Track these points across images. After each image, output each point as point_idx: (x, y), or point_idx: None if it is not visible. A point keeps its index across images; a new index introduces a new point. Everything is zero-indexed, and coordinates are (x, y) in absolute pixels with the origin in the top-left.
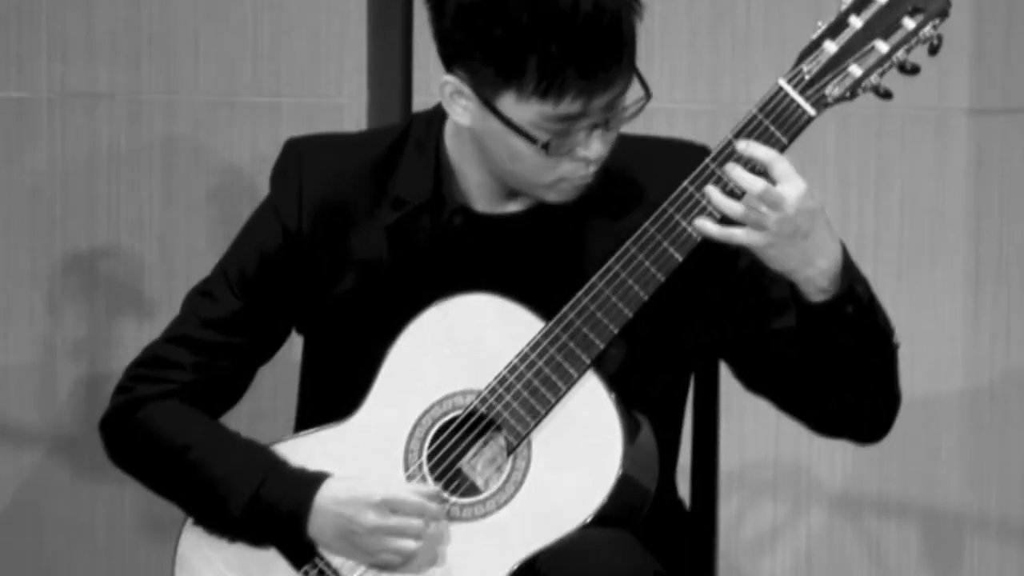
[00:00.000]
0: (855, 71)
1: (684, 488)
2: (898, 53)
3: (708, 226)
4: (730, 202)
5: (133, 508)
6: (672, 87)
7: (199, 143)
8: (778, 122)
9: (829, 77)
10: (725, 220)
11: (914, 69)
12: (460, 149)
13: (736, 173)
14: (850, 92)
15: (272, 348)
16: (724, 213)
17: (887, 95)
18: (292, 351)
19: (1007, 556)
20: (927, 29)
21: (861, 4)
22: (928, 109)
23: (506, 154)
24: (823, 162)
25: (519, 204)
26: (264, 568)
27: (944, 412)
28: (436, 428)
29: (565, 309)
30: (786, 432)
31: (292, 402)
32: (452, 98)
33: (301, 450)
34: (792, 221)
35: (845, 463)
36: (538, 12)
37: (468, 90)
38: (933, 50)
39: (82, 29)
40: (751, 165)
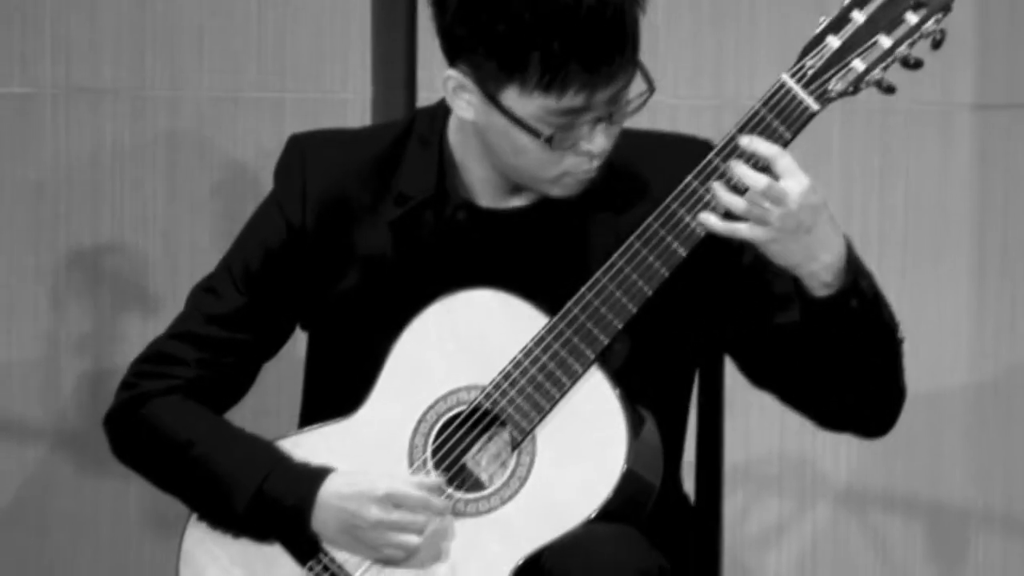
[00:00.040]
0: (858, 66)
1: (689, 483)
2: (901, 48)
3: (712, 221)
4: (734, 198)
5: (137, 504)
6: (676, 83)
7: (203, 139)
8: (781, 117)
9: (832, 72)
10: (729, 215)
11: (917, 64)
12: (464, 144)
13: (739, 169)
14: (853, 87)
15: (276, 344)
16: (728, 209)
17: (890, 90)
18: (296, 347)
19: (1012, 550)
20: (930, 24)
21: None
22: (932, 104)
23: (510, 148)
24: (827, 157)
25: (523, 199)
26: (268, 564)
27: (948, 407)
28: (440, 424)
29: (569, 304)
30: (791, 427)
31: (296, 398)
32: (455, 93)
33: (305, 446)
34: (795, 216)
35: (850, 458)
36: (541, 6)
37: (471, 84)
38: (936, 45)
39: (86, 25)
40: (754, 160)
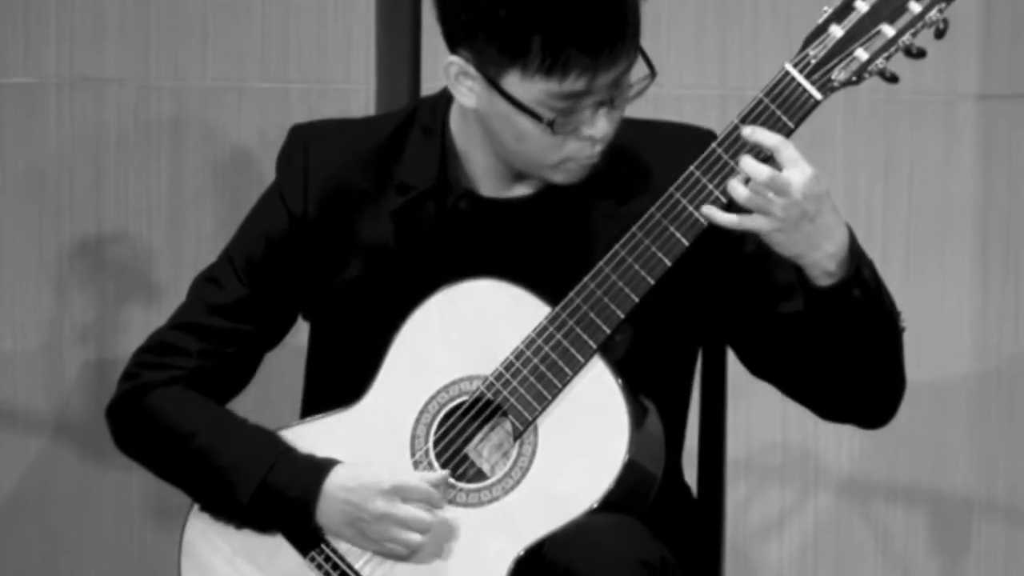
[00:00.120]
0: (861, 55)
1: (691, 473)
2: (904, 37)
3: (715, 212)
4: (737, 187)
5: (140, 494)
6: (680, 73)
7: (207, 129)
8: (784, 106)
9: (835, 61)
10: (732, 205)
11: (920, 53)
12: (466, 132)
13: (742, 160)
14: (856, 76)
15: (278, 334)
16: (731, 198)
17: (893, 79)
18: (298, 337)
19: (1014, 540)
20: (933, 13)
21: None
22: (936, 94)
23: (512, 134)
24: (830, 147)
25: (525, 188)
26: (271, 554)
27: (951, 397)
28: (442, 414)
29: (571, 294)
30: (793, 417)
31: (298, 388)
32: (457, 79)
33: (307, 436)
34: (799, 206)
35: (852, 448)
36: None
37: (473, 70)
38: (939, 34)
39: (90, 14)
40: (758, 150)
